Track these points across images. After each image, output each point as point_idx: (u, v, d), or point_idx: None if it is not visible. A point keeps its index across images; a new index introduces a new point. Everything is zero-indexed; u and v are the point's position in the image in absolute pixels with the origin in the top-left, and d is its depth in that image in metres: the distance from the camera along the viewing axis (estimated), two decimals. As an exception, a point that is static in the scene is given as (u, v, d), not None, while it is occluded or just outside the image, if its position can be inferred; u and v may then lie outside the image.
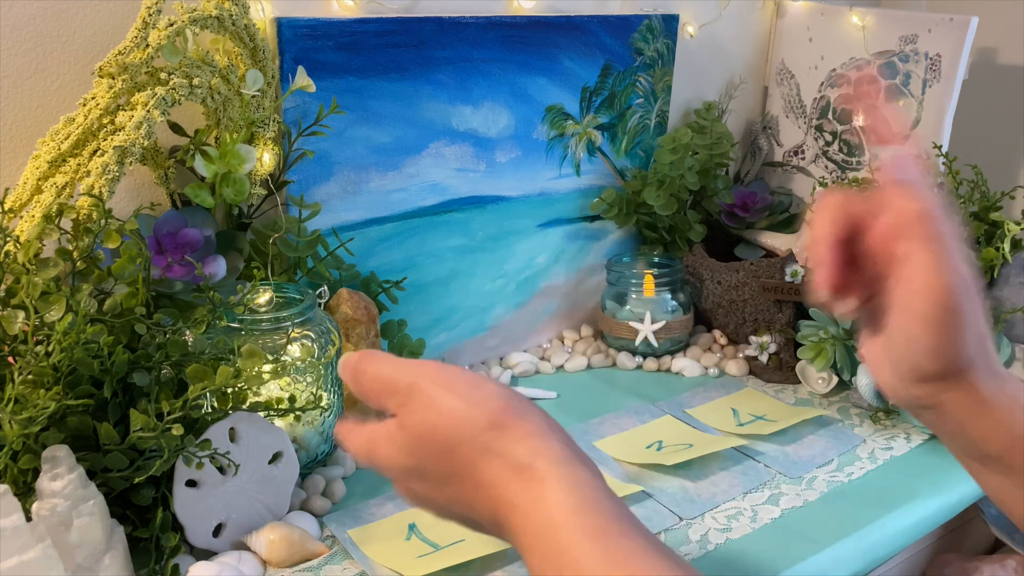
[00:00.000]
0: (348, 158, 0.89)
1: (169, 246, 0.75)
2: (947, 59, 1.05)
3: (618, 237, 1.16)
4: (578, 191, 1.09)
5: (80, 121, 0.72)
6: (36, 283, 0.63)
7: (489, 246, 1.03)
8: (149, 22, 0.71)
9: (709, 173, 1.14)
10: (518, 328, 1.09)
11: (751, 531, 0.74)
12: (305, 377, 0.76)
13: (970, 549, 0.96)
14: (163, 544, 0.65)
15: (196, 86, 0.73)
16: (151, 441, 0.61)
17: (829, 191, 0.50)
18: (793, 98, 1.22)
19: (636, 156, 1.13)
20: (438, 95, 0.93)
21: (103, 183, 0.69)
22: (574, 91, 1.04)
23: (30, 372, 0.60)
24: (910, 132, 0.45)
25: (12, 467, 0.60)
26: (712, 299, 1.10)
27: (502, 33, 0.95)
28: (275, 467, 0.71)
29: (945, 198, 0.47)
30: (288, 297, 0.80)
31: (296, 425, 0.77)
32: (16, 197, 0.72)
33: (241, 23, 0.75)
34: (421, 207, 0.96)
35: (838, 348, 0.95)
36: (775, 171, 1.25)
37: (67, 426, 0.62)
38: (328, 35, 0.84)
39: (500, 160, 1.01)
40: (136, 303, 0.66)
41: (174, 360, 0.65)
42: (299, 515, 0.73)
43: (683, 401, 0.97)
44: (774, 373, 1.02)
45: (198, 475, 0.66)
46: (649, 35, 1.08)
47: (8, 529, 0.54)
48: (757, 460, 0.84)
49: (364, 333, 0.85)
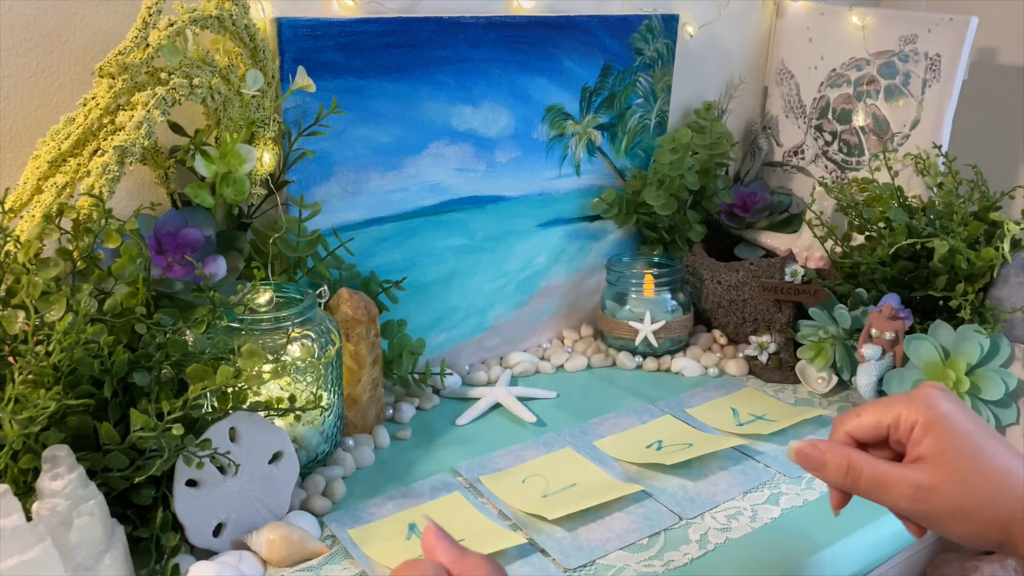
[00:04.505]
0: (348, 158, 0.89)
1: (169, 246, 0.75)
2: (947, 59, 1.05)
3: (618, 237, 1.16)
4: (578, 191, 1.09)
5: (80, 121, 0.72)
6: (36, 283, 0.63)
7: (489, 246, 1.03)
8: (149, 22, 0.71)
9: (709, 173, 1.14)
10: (518, 328, 1.09)
11: (751, 531, 0.74)
12: (305, 377, 0.76)
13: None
14: (163, 544, 0.65)
15: (196, 86, 0.73)
16: (151, 441, 0.61)
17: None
18: (793, 98, 1.22)
19: (636, 156, 1.13)
20: (438, 95, 0.93)
21: (103, 183, 0.69)
22: (574, 91, 1.04)
23: (30, 372, 0.60)
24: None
25: (12, 467, 0.60)
26: (712, 299, 1.10)
27: (502, 33, 0.95)
28: (275, 467, 0.71)
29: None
30: (288, 297, 0.80)
31: (296, 425, 0.77)
32: (16, 197, 0.72)
33: (241, 23, 0.75)
34: (421, 207, 0.96)
35: (838, 348, 0.95)
36: (775, 171, 1.25)
37: (67, 426, 0.62)
38: (328, 35, 0.84)
39: (500, 160, 1.01)
40: (136, 303, 0.66)
41: (174, 360, 0.66)
42: (299, 515, 0.73)
43: (683, 401, 0.97)
44: (774, 373, 1.02)
45: (198, 475, 0.66)
46: (649, 35, 1.08)
47: (8, 529, 0.54)
48: (757, 460, 0.84)
49: (364, 333, 0.85)
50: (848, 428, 0.55)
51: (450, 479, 0.81)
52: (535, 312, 1.10)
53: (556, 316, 1.13)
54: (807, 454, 0.54)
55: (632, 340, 1.06)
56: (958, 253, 0.89)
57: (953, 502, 0.49)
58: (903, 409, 0.52)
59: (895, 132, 1.11)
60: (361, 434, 0.88)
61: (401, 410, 0.93)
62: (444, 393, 0.99)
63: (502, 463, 0.84)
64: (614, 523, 0.74)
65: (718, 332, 1.12)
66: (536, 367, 1.06)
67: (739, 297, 1.06)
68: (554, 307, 1.12)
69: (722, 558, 0.71)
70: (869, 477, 0.52)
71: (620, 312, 1.08)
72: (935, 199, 0.99)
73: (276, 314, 0.76)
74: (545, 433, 0.90)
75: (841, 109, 1.16)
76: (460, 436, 0.90)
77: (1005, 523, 0.48)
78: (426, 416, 0.94)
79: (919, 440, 0.51)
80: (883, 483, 0.51)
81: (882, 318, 0.90)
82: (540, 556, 0.71)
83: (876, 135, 1.13)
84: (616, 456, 0.85)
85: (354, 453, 0.84)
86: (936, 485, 0.49)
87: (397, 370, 0.94)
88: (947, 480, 0.49)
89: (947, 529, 0.50)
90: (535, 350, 1.10)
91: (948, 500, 0.49)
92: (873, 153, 1.13)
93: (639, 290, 1.07)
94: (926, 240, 0.91)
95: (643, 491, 0.79)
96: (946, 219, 0.94)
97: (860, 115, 1.14)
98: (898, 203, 0.97)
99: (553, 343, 1.12)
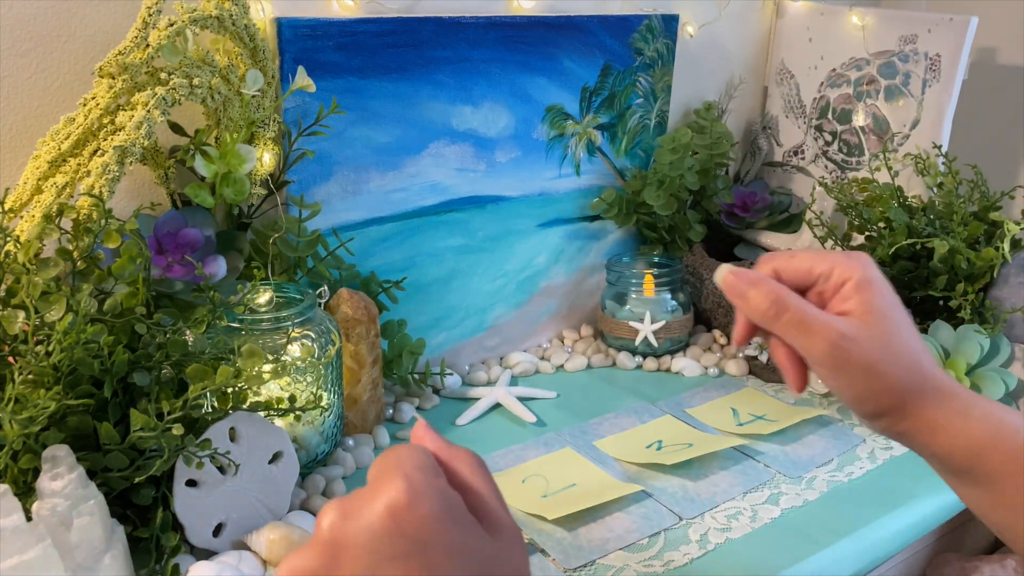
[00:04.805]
0: (348, 158, 0.89)
1: (169, 246, 0.75)
2: (947, 59, 1.05)
3: (618, 237, 1.16)
4: (578, 191, 1.09)
5: (80, 121, 0.72)
6: (36, 283, 0.63)
7: (489, 246, 1.03)
8: (149, 22, 0.71)
9: (709, 173, 1.14)
10: (518, 328, 1.09)
11: (751, 531, 0.74)
12: (305, 377, 0.76)
13: (970, 549, 0.96)
14: (163, 544, 0.65)
15: (196, 86, 0.73)
16: (151, 441, 0.61)
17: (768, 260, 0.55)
18: (793, 98, 1.22)
19: (636, 156, 1.13)
20: (438, 95, 0.93)
21: (103, 183, 0.69)
22: (574, 91, 1.04)
23: (30, 372, 0.60)
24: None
25: (12, 467, 0.60)
26: (712, 299, 1.10)
27: (502, 33, 0.95)
28: (275, 467, 0.71)
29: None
30: (288, 297, 0.80)
31: (296, 425, 0.77)
32: (16, 197, 0.72)
33: (241, 23, 0.75)
34: (421, 207, 0.96)
35: (838, 348, 0.95)
36: (775, 171, 1.25)
37: (67, 426, 0.62)
38: (328, 35, 0.84)
39: (500, 160, 1.01)
40: (136, 303, 0.66)
41: (174, 360, 0.65)
42: (299, 515, 0.73)
43: (683, 401, 0.97)
44: (774, 373, 1.02)
45: (198, 475, 0.66)
46: (649, 35, 1.08)
47: (8, 529, 0.54)
48: (757, 460, 0.84)
49: (364, 333, 0.85)
50: (777, 265, 0.54)
51: (450, 479, 0.81)
52: (535, 312, 1.10)
53: (556, 316, 1.13)
54: (735, 279, 0.53)
55: (632, 340, 1.06)
56: (958, 253, 0.89)
57: (870, 357, 0.50)
58: (839, 263, 0.52)
59: (895, 132, 1.11)
60: (361, 434, 0.88)
61: (401, 410, 0.93)
62: (444, 393, 0.99)
63: (502, 463, 0.84)
64: (614, 523, 0.74)
65: (718, 332, 1.12)
66: (536, 367, 1.06)
67: (739, 297, 1.06)
68: (554, 307, 1.12)
69: (722, 558, 0.71)
70: (795, 314, 0.51)
71: (620, 312, 1.08)
72: (935, 199, 0.99)
73: (276, 314, 0.76)
74: (545, 433, 0.90)
75: (841, 109, 1.16)
76: (460, 436, 0.90)
77: (904, 391, 0.50)
78: (426, 416, 0.94)
79: (848, 296, 0.51)
80: (807, 325, 0.51)
81: (882, 318, 0.90)
82: (540, 556, 0.71)
83: (876, 135, 1.13)
84: (616, 456, 0.85)
85: (354, 453, 0.84)
86: (858, 338, 0.50)
87: (397, 370, 0.94)
88: (869, 336, 0.50)
89: (851, 384, 0.50)
90: (535, 350, 1.10)
91: (865, 355, 0.50)
92: (873, 153, 1.13)
93: (639, 290, 1.07)
94: (926, 240, 0.91)
95: (643, 491, 0.79)
96: (946, 219, 0.94)
97: (860, 115, 1.14)
98: (898, 203, 0.97)
99: (553, 343, 1.12)
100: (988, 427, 0.50)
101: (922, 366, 0.51)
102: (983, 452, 0.49)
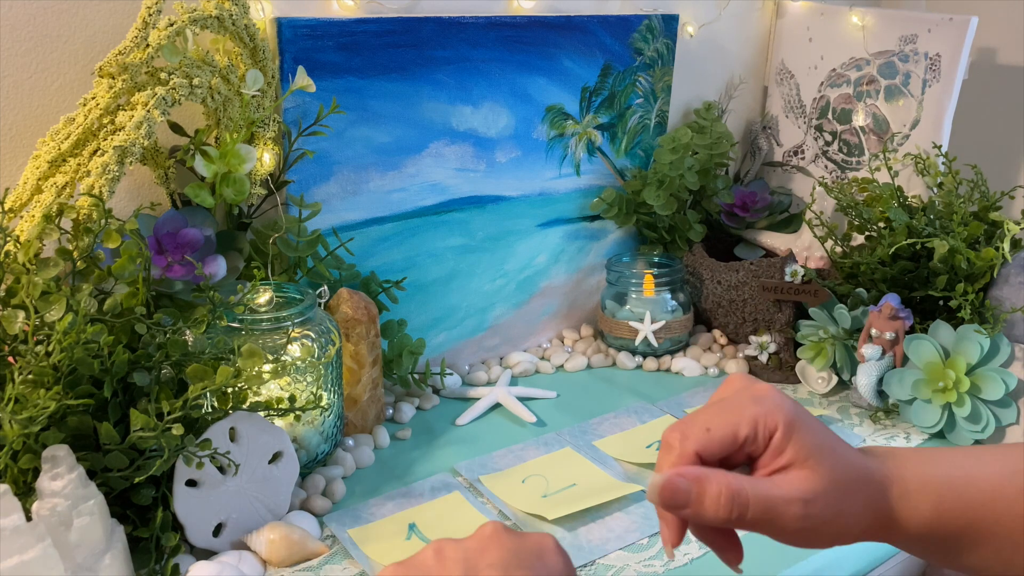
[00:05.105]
0: (348, 158, 0.89)
1: (169, 246, 0.75)
2: (947, 59, 1.05)
3: (618, 237, 1.16)
4: (578, 191, 1.09)
5: (80, 121, 0.72)
6: (36, 283, 0.63)
7: (489, 246, 1.03)
8: (149, 22, 0.71)
9: (709, 173, 1.14)
10: (518, 328, 1.09)
11: (751, 531, 0.74)
12: (305, 377, 0.76)
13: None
14: (163, 544, 0.65)
15: (196, 86, 0.73)
16: (151, 441, 0.61)
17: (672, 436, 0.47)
18: (793, 98, 1.22)
19: (636, 156, 1.13)
20: (438, 95, 0.93)
21: (103, 183, 0.69)
22: (574, 91, 1.04)
23: (30, 372, 0.60)
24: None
25: (12, 467, 0.60)
26: (712, 299, 1.10)
27: (502, 33, 0.95)
28: (275, 467, 0.71)
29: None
30: (288, 297, 0.80)
31: (296, 425, 0.77)
32: (16, 197, 0.72)
33: (241, 23, 0.76)
34: (421, 207, 0.96)
35: (838, 348, 0.95)
36: (775, 171, 1.25)
37: (67, 426, 0.62)
38: (328, 35, 0.84)
39: (500, 160, 1.01)
40: (136, 303, 0.66)
41: (174, 360, 0.66)
42: (299, 515, 0.73)
43: (683, 401, 0.97)
44: (774, 373, 1.02)
45: (198, 475, 0.66)
46: (649, 35, 1.08)
47: (8, 529, 0.54)
48: (757, 460, 0.84)
49: (364, 333, 0.85)
50: (696, 447, 0.45)
51: (450, 479, 0.81)
52: (535, 312, 1.10)
53: (556, 316, 1.13)
54: (676, 488, 0.44)
55: (632, 340, 1.06)
56: (958, 253, 0.89)
57: (834, 507, 0.44)
58: (759, 418, 0.45)
59: (895, 132, 1.11)
60: (361, 434, 0.88)
61: (401, 410, 0.93)
62: (444, 393, 0.99)
63: (502, 463, 0.84)
64: (614, 523, 0.74)
65: (718, 332, 1.12)
66: (536, 367, 1.06)
67: (739, 297, 1.06)
68: (554, 307, 1.12)
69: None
70: (756, 504, 0.43)
71: (620, 312, 1.08)
72: (935, 199, 0.99)
73: (276, 314, 0.76)
74: (545, 433, 0.90)
75: (841, 109, 1.16)
76: (460, 436, 0.90)
77: (875, 507, 0.46)
78: (426, 416, 0.94)
79: (781, 448, 0.45)
80: (771, 508, 0.44)
81: (882, 318, 0.90)
82: (540, 556, 0.70)
83: (876, 135, 1.13)
84: (616, 456, 0.85)
85: (354, 453, 0.84)
86: (817, 494, 0.44)
87: (397, 370, 0.94)
88: (825, 487, 0.44)
89: (827, 535, 0.45)
90: (535, 350, 1.10)
91: (829, 507, 0.44)
92: (873, 153, 1.13)
93: (639, 290, 1.07)
94: (926, 240, 0.91)
95: (643, 491, 0.79)
96: (946, 219, 0.94)
97: (860, 115, 1.14)
98: (898, 203, 0.97)
99: (553, 343, 1.12)
100: (953, 488, 0.46)
101: (869, 471, 0.46)
102: (970, 511, 0.46)
